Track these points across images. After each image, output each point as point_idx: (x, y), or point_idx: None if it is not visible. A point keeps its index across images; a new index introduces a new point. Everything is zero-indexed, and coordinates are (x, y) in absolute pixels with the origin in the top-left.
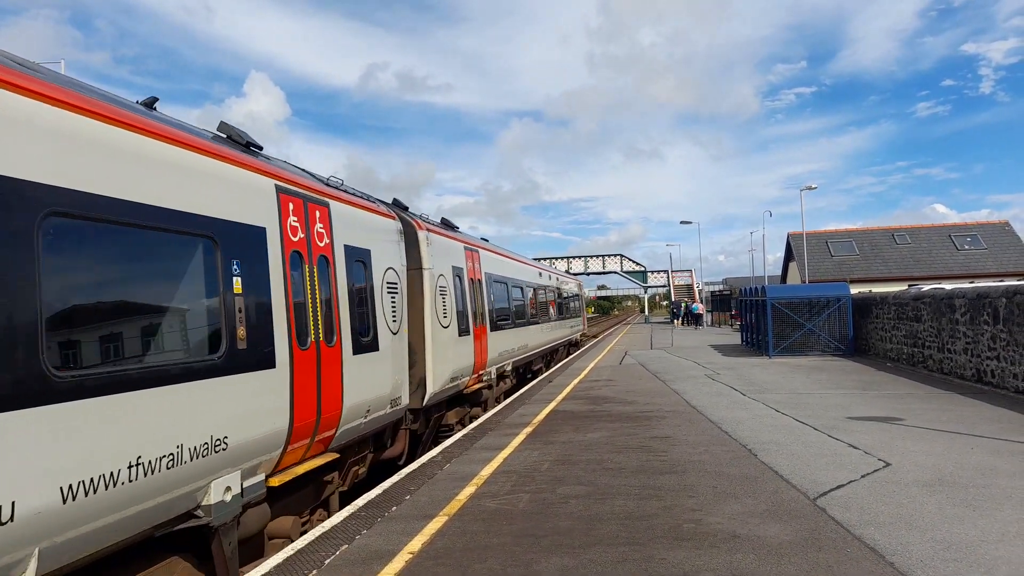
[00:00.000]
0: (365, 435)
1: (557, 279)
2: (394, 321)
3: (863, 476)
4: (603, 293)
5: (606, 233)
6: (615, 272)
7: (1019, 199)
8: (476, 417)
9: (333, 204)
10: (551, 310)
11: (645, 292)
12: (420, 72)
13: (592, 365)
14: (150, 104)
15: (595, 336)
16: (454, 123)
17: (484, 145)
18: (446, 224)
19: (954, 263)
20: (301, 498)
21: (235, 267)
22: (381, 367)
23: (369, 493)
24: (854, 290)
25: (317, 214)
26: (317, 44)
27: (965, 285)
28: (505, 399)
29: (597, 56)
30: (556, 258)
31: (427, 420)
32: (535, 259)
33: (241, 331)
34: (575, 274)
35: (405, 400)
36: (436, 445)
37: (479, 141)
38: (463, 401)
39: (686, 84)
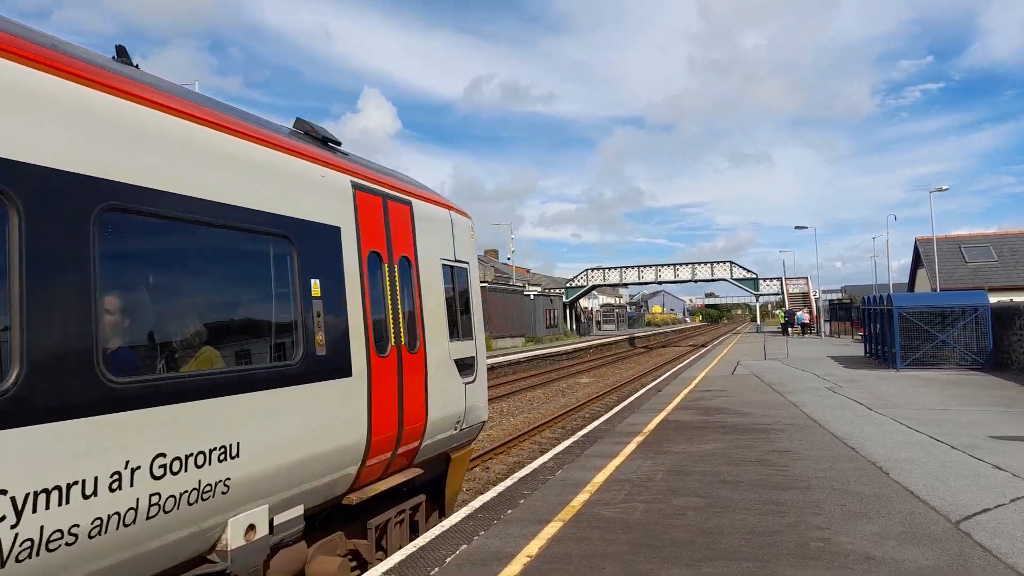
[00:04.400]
0: None
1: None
2: None
3: (1012, 500)
4: (711, 301)
5: (713, 239)
6: (724, 279)
7: None
8: None
9: None
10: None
11: (756, 300)
12: (524, 82)
13: (702, 375)
14: None
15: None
16: (557, 131)
17: (586, 152)
18: None
19: None
20: None
21: None
22: None
23: (484, 495)
24: (993, 299)
25: None
26: (426, 58)
27: None
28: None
29: (698, 61)
30: (662, 265)
31: None
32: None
33: None
34: (680, 282)
35: None
36: None
37: (581, 148)
38: None
39: (793, 85)
